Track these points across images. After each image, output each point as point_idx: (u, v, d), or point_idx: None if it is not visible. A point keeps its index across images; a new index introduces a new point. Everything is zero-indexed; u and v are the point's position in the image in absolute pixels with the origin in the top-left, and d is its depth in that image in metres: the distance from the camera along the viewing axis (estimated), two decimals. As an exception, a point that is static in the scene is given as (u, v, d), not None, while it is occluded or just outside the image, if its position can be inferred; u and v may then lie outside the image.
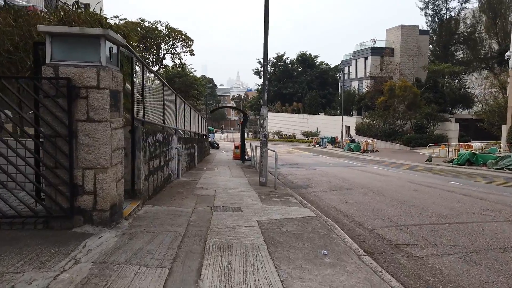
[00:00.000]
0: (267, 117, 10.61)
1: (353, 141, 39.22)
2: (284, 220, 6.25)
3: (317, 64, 78.26)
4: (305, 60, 77.89)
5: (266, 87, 10.54)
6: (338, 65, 70.85)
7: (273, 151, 10.42)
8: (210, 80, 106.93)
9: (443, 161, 22.76)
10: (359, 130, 45.35)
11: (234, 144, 24.26)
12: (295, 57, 78.86)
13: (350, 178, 14.03)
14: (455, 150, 23.30)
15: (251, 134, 77.72)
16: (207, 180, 11.46)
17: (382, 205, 8.55)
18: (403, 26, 54.89)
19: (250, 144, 18.45)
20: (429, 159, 23.75)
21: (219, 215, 6.35)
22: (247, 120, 21.10)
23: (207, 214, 6.34)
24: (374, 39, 57.46)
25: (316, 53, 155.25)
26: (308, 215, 6.81)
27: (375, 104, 47.25)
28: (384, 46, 57.29)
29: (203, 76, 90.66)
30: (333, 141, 45.70)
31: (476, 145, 22.51)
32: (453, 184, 12.61)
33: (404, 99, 37.02)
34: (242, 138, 21.10)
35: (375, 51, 55.84)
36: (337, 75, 77.90)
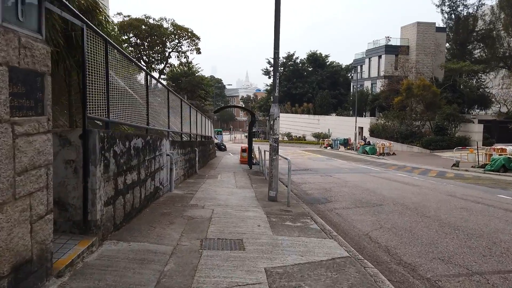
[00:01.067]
0: (279, 116, 8.62)
1: (367, 143, 36.97)
2: (305, 268, 4.25)
3: (328, 63, 75.97)
4: (315, 59, 75.71)
5: (277, 81, 8.55)
6: (351, 63, 68.48)
7: (286, 158, 8.42)
8: (219, 81, 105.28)
9: (471, 167, 20.50)
10: (373, 132, 43.06)
11: (241, 147, 22.30)
12: (305, 56, 76.77)
13: (375, 188, 11.96)
14: (486, 154, 21.01)
15: (261, 135, 75.79)
16: (206, 193, 9.50)
17: (431, 233, 6.49)
18: (419, 23, 52.48)
19: (258, 148, 16.49)
20: (456, 164, 21.49)
21: (210, 258, 4.38)
22: (255, 121, 19.14)
23: (192, 257, 4.37)
24: (388, 37, 55.11)
25: (326, 52, 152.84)
26: (338, 254, 4.80)
27: (390, 104, 44.93)
28: (398, 44, 54.99)
29: (211, 77, 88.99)
30: (345, 143, 43.47)
31: (510, 148, 20.20)
32: (505, 198, 10.46)
33: (423, 99, 34.68)
34: (250, 141, 19.11)
35: (390, 49, 53.54)
36: (349, 75, 75.67)
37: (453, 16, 58.69)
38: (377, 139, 39.34)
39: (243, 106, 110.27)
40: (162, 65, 41.18)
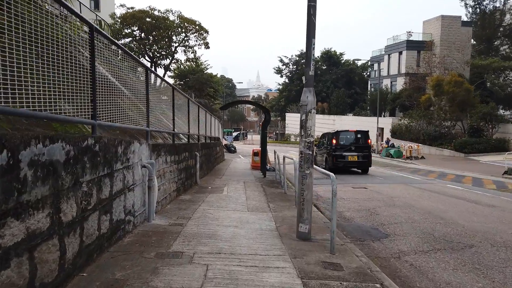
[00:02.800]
0: (314, 108, 5.49)
1: (391, 145, 33.53)
2: None
3: (342, 62, 72.45)
4: (330, 57, 72.33)
5: (314, 50, 5.41)
6: (367, 61, 64.92)
7: (329, 174, 5.28)
8: (229, 80, 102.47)
9: (528, 175, 17.09)
10: (396, 133, 39.51)
11: (253, 150, 19.18)
12: (319, 54, 73.29)
13: (439, 210, 8.73)
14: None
15: (272, 136, 72.56)
16: (202, 222, 6.41)
17: None
18: (443, 17, 48.81)
19: (275, 153, 13.31)
20: (508, 172, 18.07)
21: None
22: (269, 120, 16.04)
23: None
24: (409, 32, 51.53)
25: (341, 50, 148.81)
26: None
27: (413, 102, 41.40)
28: (421, 39, 51.35)
29: (222, 77, 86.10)
30: (366, 145, 39.99)
31: None
32: None
33: (455, 96, 31.09)
34: (264, 143, 15.98)
35: (412, 44, 49.98)
36: (365, 73, 72.22)
37: (478, 10, 54.99)
38: (400, 141, 35.86)
39: (257, 102, 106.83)
40: (168, 61, 38.39)
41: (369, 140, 18.79)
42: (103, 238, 4.28)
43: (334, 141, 17.93)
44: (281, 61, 74.89)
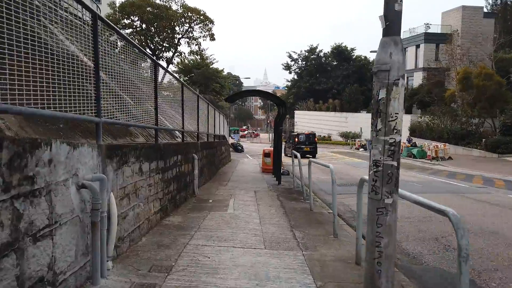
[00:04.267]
0: (403, 77, 2.85)
1: (413, 144, 30.62)
2: None
3: (353, 57, 69.36)
4: (340, 53, 69.28)
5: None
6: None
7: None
8: (237, 78, 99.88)
9: None
10: (415, 131, 36.52)
11: (264, 151, 16.45)
12: (329, 49, 70.33)
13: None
14: None
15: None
16: (190, 279, 3.77)
17: None
18: (464, 7, 45.76)
19: (296, 156, 10.44)
20: None
21: None
22: (285, 114, 13.32)
23: None
24: (427, 24, 48.47)
25: (352, 45, 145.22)
26: None
27: (435, 98, 38.41)
28: (439, 31, 48.27)
29: (229, 74, 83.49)
30: (383, 144, 37.07)
31: None
32: None
33: (485, 91, 28.07)
34: (278, 142, 13.25)
35: (430, 37, 46.99)
36: (378, 69, 69.12)
37: (499, 1, 51.95)
38: (421, 140, 32.93)
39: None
40: (171, 53, 35.73)
41: (316, 139, 31.20)
42: None
43: (296, 140, 30.09)
44: (290, 56, 72.04)
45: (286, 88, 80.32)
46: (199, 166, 9.62)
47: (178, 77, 10.18)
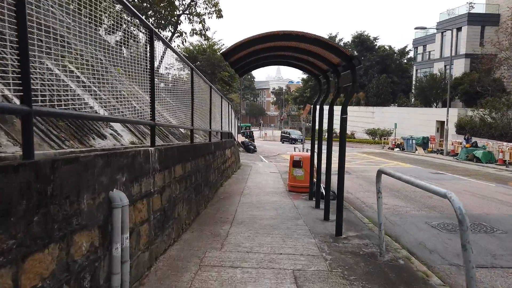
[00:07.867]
0: None
1: (474, 144, 24.21)
2: None
3: (377, 47, 62.82)
4: (362, 42, 62.84)
5: None
6: (407, 46, 54.99)
7: None
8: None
9: None
10: (464, 128, 30.06)
11: (292, 158, 10.31)
12: (350, 39, 63.92)
13: None
14: None
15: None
16: None
17: None
18: (516, -18, 38.77)
19: (390, 174, 4.30)
20: None
21: None
22: (356, 82, 6.57)
23: None
24: (470, 3, 41.69)
25: (375, 34, 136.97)
26: None
27: (488, 88, 31.94)
28: (484, 11, 41.57)
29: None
30: (425, 143, 30.69)
31: None
32: None
33: None
34: (319, 145, 7.29)
35: (474, 18, 40.28)
36: (404, 59, 62.58)
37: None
38: (474, 138, 26.54)
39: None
40: (170, 33, 29.84)
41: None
42: None
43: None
44: (307, 46, 65.67)
45: (302, 81, 74.18)
46: (197, 182, 3.72)
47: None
